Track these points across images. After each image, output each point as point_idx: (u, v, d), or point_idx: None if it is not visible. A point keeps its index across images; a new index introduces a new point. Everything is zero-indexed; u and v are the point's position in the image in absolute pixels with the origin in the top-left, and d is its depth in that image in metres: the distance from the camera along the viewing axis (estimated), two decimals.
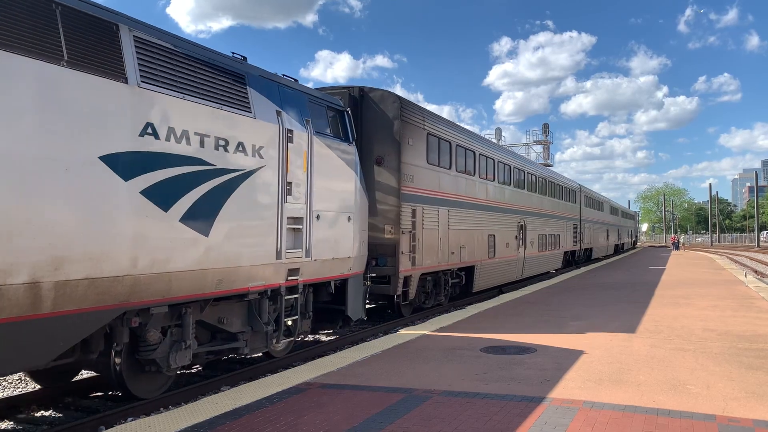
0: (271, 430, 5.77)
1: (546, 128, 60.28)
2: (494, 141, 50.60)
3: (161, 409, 7.90)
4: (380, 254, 13.83)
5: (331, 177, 10.43)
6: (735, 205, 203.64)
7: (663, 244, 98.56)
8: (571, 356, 8.97)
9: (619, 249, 59.57)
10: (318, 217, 9.90)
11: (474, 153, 19.38)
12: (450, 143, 17.42)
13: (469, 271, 18.83)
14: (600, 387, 7.19)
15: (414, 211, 14.86)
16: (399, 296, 14.24)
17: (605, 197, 53.64)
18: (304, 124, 9.69)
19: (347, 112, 11.21)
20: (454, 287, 18.16)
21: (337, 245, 10.39)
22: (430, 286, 16.48)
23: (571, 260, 35.84)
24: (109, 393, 8.85)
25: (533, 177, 26.96)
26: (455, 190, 17.74)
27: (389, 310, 15.89)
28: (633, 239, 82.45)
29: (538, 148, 59.22)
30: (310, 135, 9.81)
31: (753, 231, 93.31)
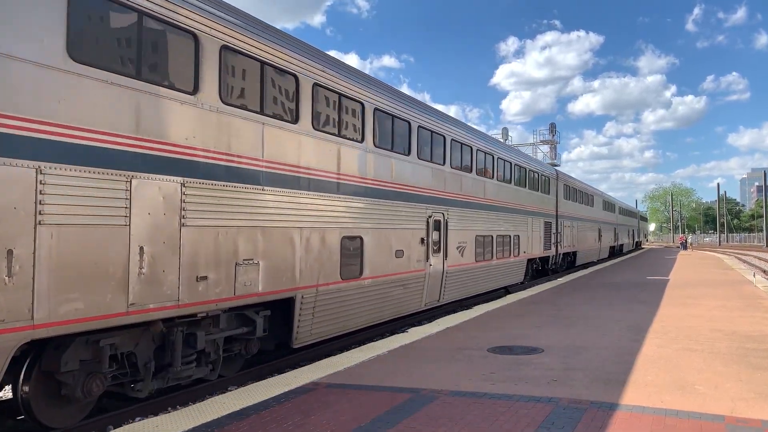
0: (278, 430, 5.79)
1: (553, 128, 60.09)
2: (501, 140, 47.13)
3: (169, 408, 7.94)
4: None
5: None
6: (743, 205, 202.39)
7: (666, 244, 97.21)
8: (578, 356, 8.95)
9: (616, 252, 52.01)
10: None
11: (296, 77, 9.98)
12: None
13: (284, 308, 9.81)
14: (607, 387, 7.17)
15: None
16: None
17: (597, 189, 44.82)
18: None
19: None
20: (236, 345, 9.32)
21: None
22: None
23: (543, 269, 27.57)
24: (118, 393, 8.89)
25: (461, 148, 17.21)
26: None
27: None
28: (635, 240, 72.30)
29: (545, 148, 59.04)
30: None
31: (761, 231, 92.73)
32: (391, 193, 12.93)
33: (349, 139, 11.41)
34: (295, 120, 9.74)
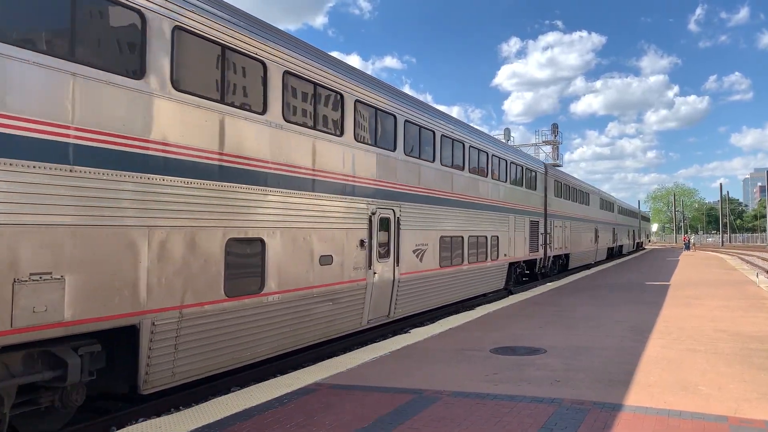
0: (281, 431, 5.79)
1: (555, 128, 59.97)
2: (503, 141, 46.57)
3: (171, 409, 7.95)
4: None
5: None
6: (746, 205, 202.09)
7: (673, 246, 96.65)
8: (581, 357, 8.93)
9: (615, 253, 48.87)
10: None
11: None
12: None
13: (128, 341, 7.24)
14: (610, 388, 7.16)
15: None
16: None
17: (593, 187, 41.46)
18: None
19: None
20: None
21: None
22: None
23: (531, 273, 24.95)
24: (121, 393, 8.90)
25: (420, 133, 14.45)
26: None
27: None
28: (636, 241, 68.87)
29: (548, 149, 58.97)
30: None
31: (764, 231, 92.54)
32: (311, 183, 10.03)
33: (241, 107, 8.57)
34: (141, 75, 7.13)
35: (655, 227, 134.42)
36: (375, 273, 11.98)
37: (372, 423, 5.94)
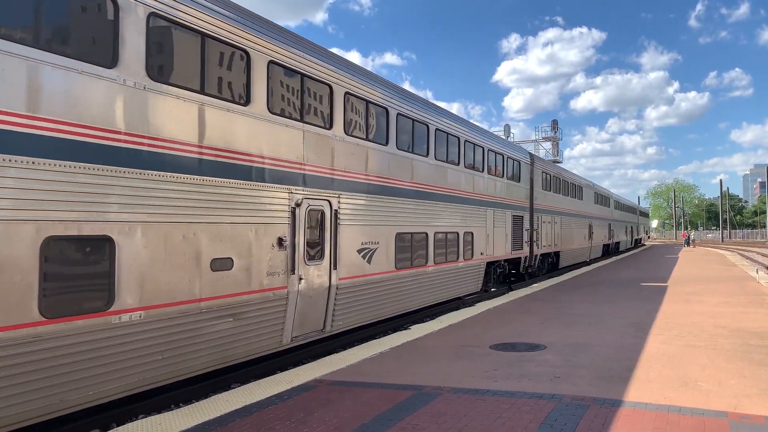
0: (281, 428, 5.79)
1: (555, 125, 59.89)
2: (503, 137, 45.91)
3: (172, 406, 7.94)
4: None
5: None
6: (746, 201, 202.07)
7: (675, 242, 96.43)
8: (581, 353, 8.94)
9: (611, 250, 46.83)
10: None
11: None
12: None
13: None
14: (610, 384, 7.16)
15: None
16: None
17: (587, 180, 38.96)
18: None
19: None
20: None
21: None
22: None
23: (517, 274, 22.87)
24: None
25: (367, 109, 12.04)
26: None
27: None
28: (634, 237, 66.06)
29: (548, 145, 58.90)
30: None
31: (764, 227, 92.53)
32: (195, 163, 7.77)
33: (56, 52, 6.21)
34: None
35: (655, 223, 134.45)
36: (301, 279, 9.62)
37: (372, 419, 5.94)
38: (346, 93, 10.97)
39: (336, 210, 10.58)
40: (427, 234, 14.37)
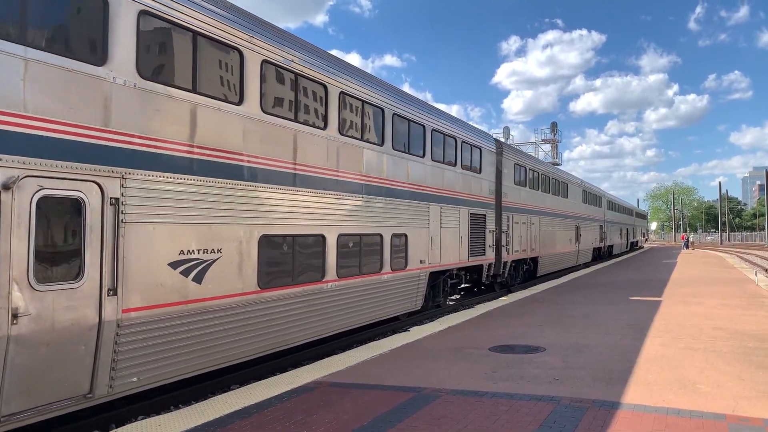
0: (280, 429, 5.80)
1: (554, 127, 59.89)
2: (502, 140, 45.40)
3: (171, 407, 7.96)
4: None
5: None
6: (745, 204, 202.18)
7: (663, 243, 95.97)
8: (580, 355, 8.95)
9: (603, 254, 42.84)
10: None
11: None
12: None
13: None
14: (609, 386, 7.17)
15: None
16: None
17: (574, 177, 35.17)
18: None
19: None
20: None
21: None
22: None
23: (480, 283, 19.53)
24: None
25: (204, 46, 8.05)
26: None
27: None
28: (630, 240, 61.44)
29: (547, 147, 58.95)
30: None
31: (763, 229, 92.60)
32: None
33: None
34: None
35: (654, 226, 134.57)
36: (21, 314, 5.82)
37: (371, 421, 5.95)
38: (140, 13, 7.14)
39: (116, 199, 6.73)
40: (324, 237, 10.35)
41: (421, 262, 14.07)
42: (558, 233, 28.12)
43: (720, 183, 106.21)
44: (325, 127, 10.57)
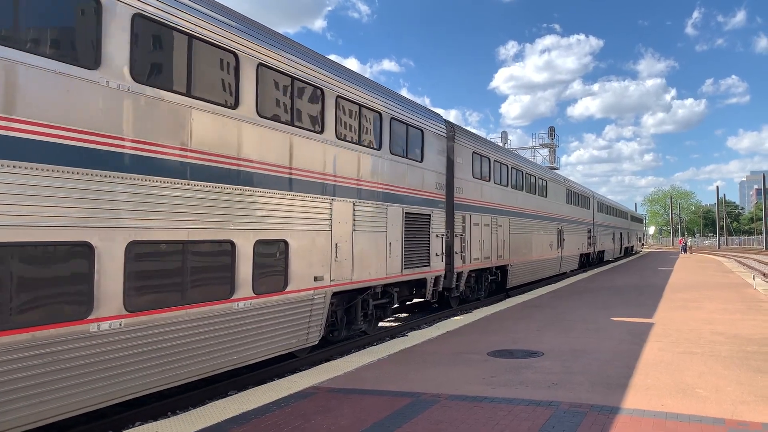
0: None
1: (552, 131, 60.03)
2: (500, 144, 42.81)
3: (168, 413, 7.92)
4: None
5: None
6: (743, 208, 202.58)
7: (661, 248, 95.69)
8: (578, 360, 8.94)
9: (592, 261, 39.06)
10: None
11: None
12: None
13: None
14: (608, 391, 7.16)
15: None
16: None
17: (556, 174, 32.43)
18: None
19: None
20: None
21: None
22: None
23: (440, 301, 16.86)
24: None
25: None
26: None
27: None
28: (625, 245, 56.47)
29: (545, 152, 59.04)
30: None
31: (761, 233, 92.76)
32: None
33: None
34: None
35: (652, 230, 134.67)
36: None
37: (370, 426, 5.93)
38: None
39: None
40: (92, 248, 6.39)
41: (316, 279, 10.07)
42: (535, 237, 24.77)
43: (717, 187, 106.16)
44: (234, 106, 8.41)
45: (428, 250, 14.49)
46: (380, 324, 14.21)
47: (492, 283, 20.22)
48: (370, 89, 12.26)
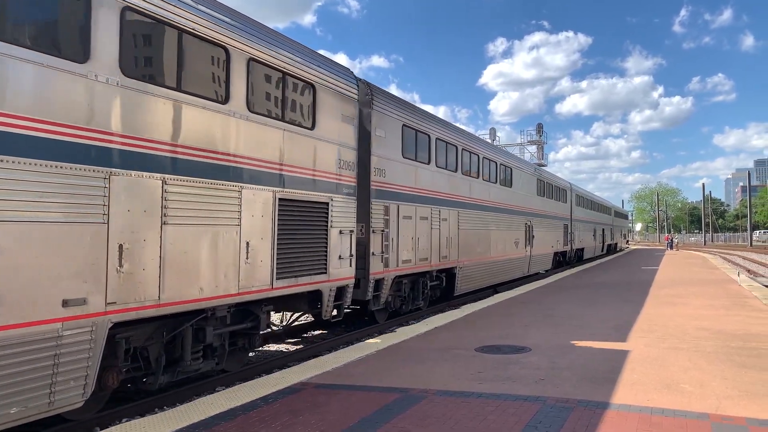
0: (266, 431, 5.77)
1: (540, 128, 60.27)
2: (489, 141, 41.75)
3: (156, 410, 7.88)
4: None
5: None
6: (728, 205, 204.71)
7: (648, 244, 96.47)
8: (565, 355, 8.99)
9: (569, 259, 36.46)
10: None
11: None
12: None
13: None
14: (594, 386, 7.21)
15: None
16: None
17: (527, 163, 30.61)
18: None
19: None
20: None
21: None
22: None
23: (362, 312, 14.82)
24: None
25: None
26: None
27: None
28: (607, 242, 53.19)
29: (533, 149, 59.22)
30: None
31: (746, 230, 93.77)
32: None
33: None
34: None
35: (639, 227, 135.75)
36: None
37: (358, 422, 5.94)
38: None
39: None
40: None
41: (67, 304, 5.90)
42: (495, 234, 21.13)
43: (704, 185, 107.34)
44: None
45: (325, 251, 10.63)
46: (250, 355, 10.72)
47: (434, 290, 16.65)
48: (211, 8, 8.15)
